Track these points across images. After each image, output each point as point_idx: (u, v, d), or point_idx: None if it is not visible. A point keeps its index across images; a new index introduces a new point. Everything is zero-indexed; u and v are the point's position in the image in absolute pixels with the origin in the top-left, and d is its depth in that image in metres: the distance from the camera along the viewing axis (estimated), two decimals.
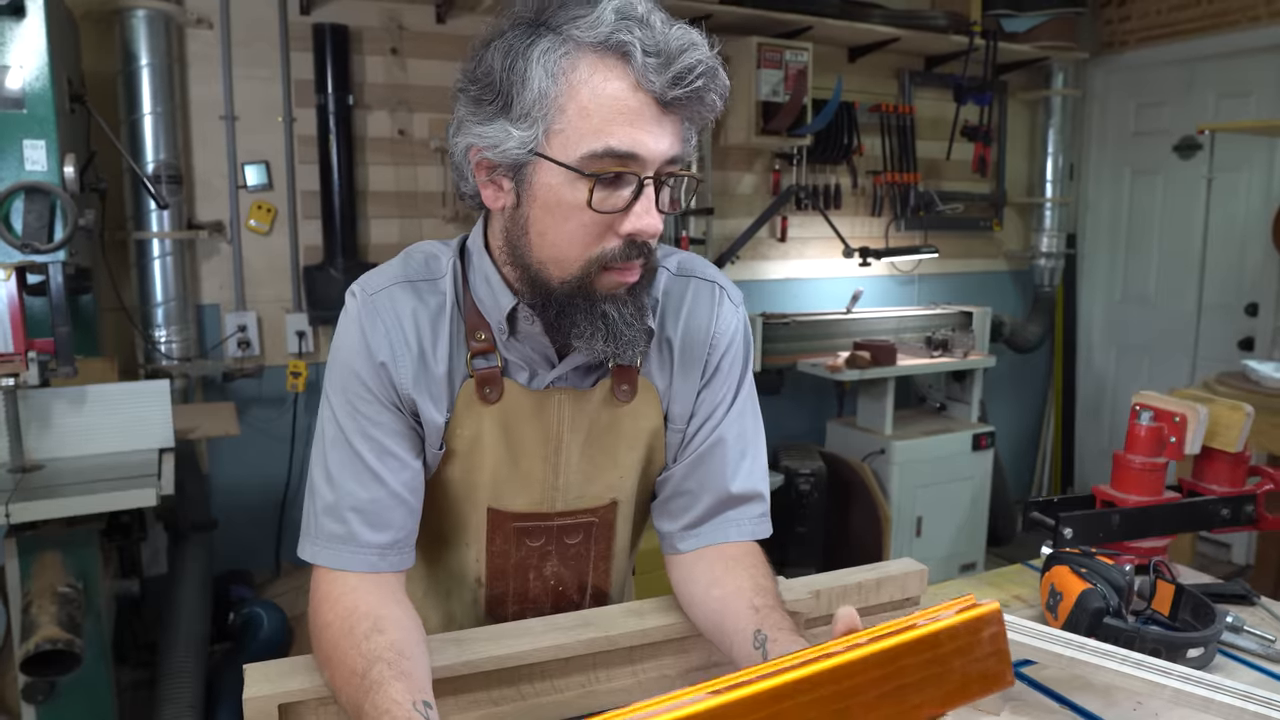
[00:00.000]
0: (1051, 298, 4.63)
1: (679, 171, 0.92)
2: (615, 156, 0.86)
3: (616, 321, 0.93)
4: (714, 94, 0.87)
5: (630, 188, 0.88)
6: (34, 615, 1.96)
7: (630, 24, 0.84)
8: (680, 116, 0.89)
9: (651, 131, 0.86)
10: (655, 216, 0.89)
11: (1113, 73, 4.49)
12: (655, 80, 0.84)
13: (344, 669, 0.87)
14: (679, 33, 0.85)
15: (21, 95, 1.90)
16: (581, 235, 0.90)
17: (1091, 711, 1.07)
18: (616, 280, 0.92)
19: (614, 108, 0.85)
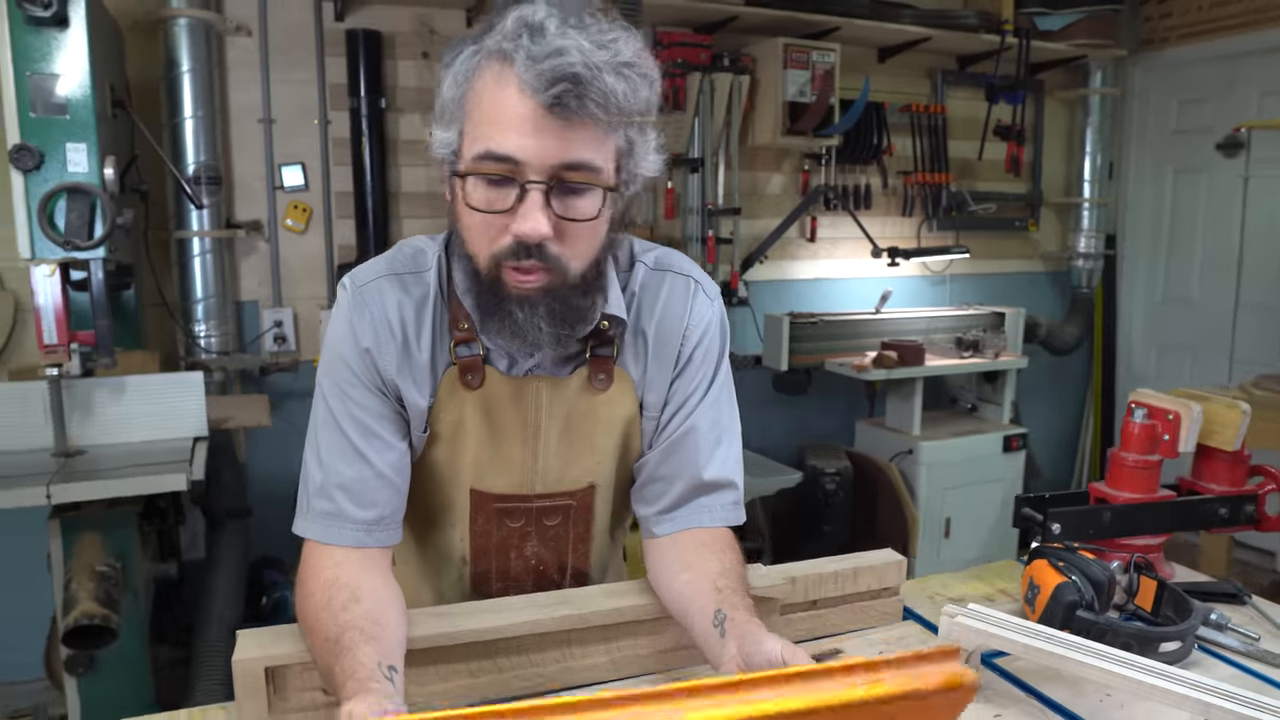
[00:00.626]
0: (1090, 299, 4.56)
1: (579, 178, 0.92)
2: (495, 159, 0.90)
3: (522, 324, 0.97)
4: (592, 101, 0.87)
5: (515, 190, 0.91)
6: (74, 591, 2.07)
7: (523, 30, 0.88)
8: (580, 123, 0.89)
9: (536, 136, 0.89)
10: (536, 221, 0.91)
11: (1153, 70, 4.41)
12: (535, 85, 0.87)
13: (320, 635, 0.93)
14: (571, 40, 0.87)
15: (65, 101, 2.01)
16: (479, 232, 0.95)
17: (1058, 702, 1.09)
18: (516, 280, 0.95)
19: (498, 113, 0.90)
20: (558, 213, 0.92)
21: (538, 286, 0.95)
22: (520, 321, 0.97)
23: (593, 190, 0.93)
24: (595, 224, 0.96)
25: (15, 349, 2.84)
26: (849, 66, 3.66)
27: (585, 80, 0.86)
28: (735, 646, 0.90)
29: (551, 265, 0.94)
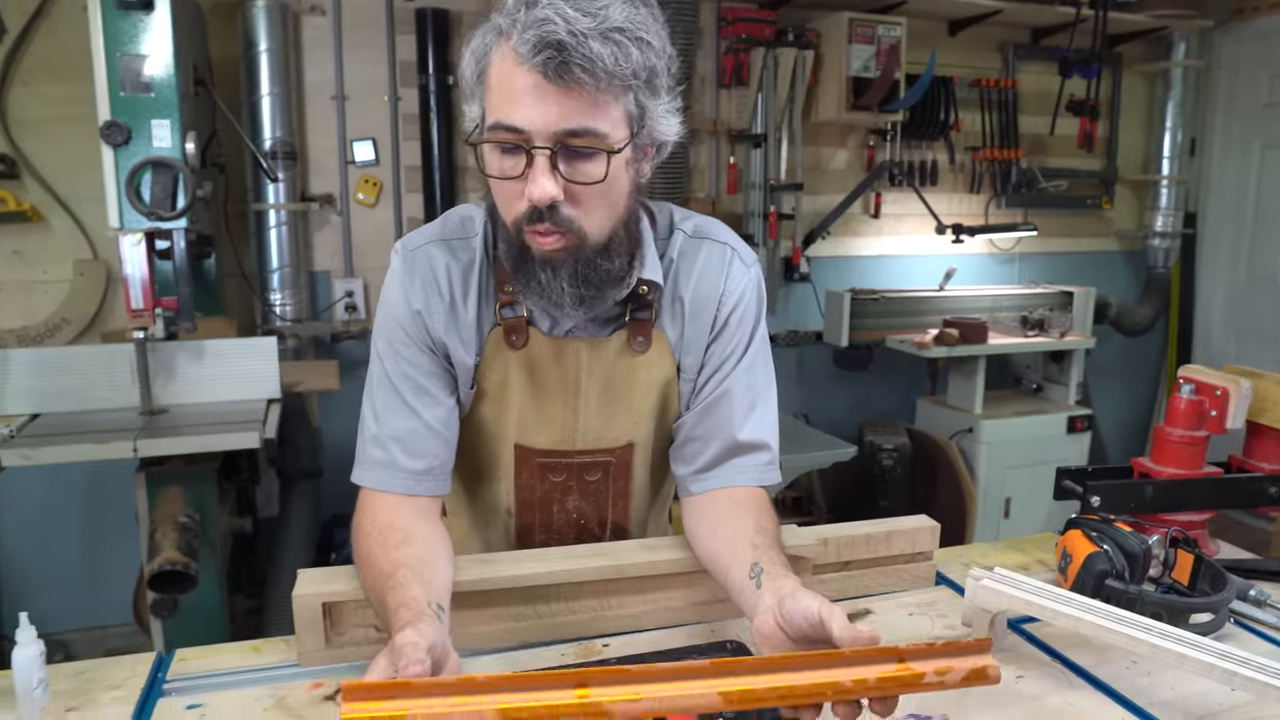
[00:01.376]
0: (1166, 279, 4.43)
1: (583, 143, 0.95)
2: (504, 129, 0.95)
3: (546, 284, 1.02)
4: (577, 68, 0.90)
5: (524, 157, 0.96)
6: (158, 540, 2.21)
7: (520, 6, 0.92)
8: (581, 88, 0.92)
9: (535, 105, 0.92)
10: (542, 185, 0.94)
11: (1242, 41, 4.23)
12: (525, 54, 0.91)
13: (374, 570, 1.00)
14: (547, 11, 0.90)
15: (150, 80, 2.13)
16: (501, 198, 1.01)
17: (1084, 668, 1.10)
18: (537, 242, 1.00)
19: (504, 84, 0.94)
20: (566, 176, 0.96)
21: (558, 248, 1.00)
22: (544, 282, 1.02)
23: (598, 154, 0.96)
24: (606, 186, 0.98)
25: (106, 314, 3.02)
26: (918, 40, 3.61)
27: (569, 47, 0.89)
28: (772, 599, 0.94)
29: (566, 228, 0.98)
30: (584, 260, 1.01)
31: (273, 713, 1.01)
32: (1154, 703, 1.02)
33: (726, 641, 1.14)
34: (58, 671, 1.06)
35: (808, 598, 0.90)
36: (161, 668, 1.10)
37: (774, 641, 0.92)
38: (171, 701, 1.03)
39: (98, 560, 3.12)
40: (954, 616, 1.22)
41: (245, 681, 1.08)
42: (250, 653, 1.14)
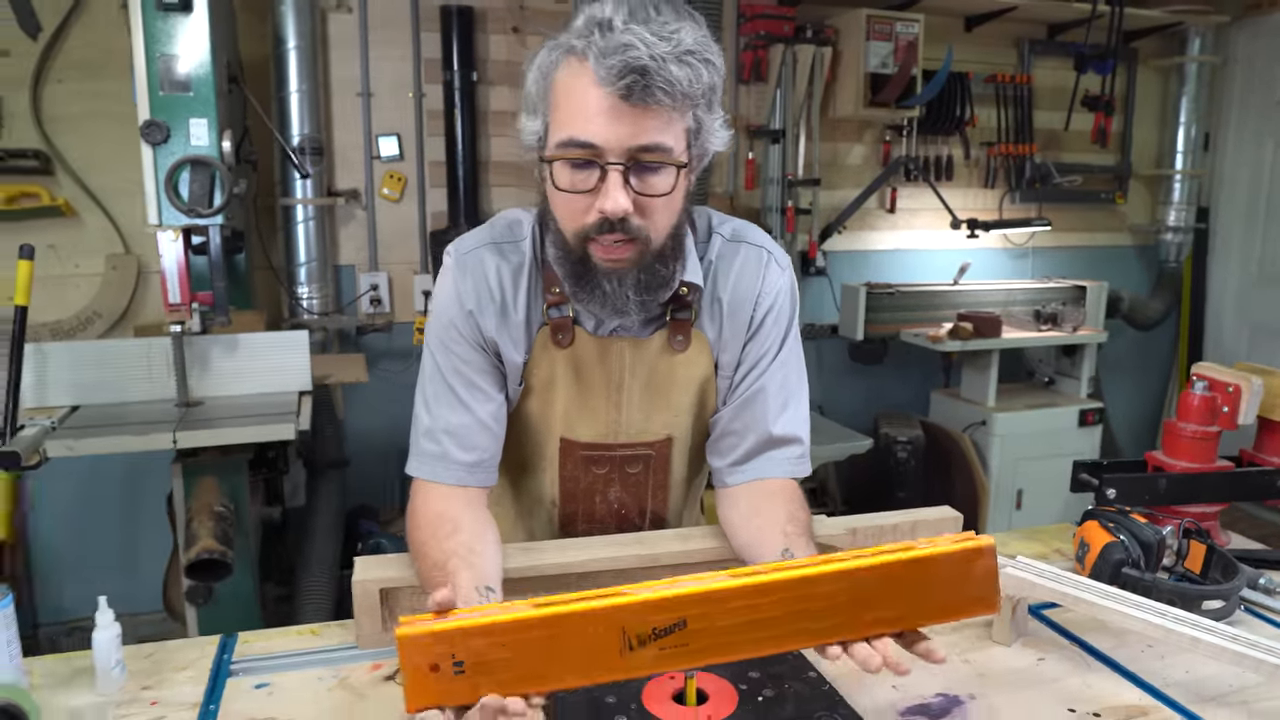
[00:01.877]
0: (1177, 274, 4.46)
1: (653, 158, 1.00)
2: (578, 145, 1.00)
3: (611, 294, 1.08)
4: (659, 89, 0.96)
5: (597, 172, 1.01)
6: (195, 529, 2.28)
7: (593, 28, 0.97)
8: (655, 107, 0.98)
9: (608, 123, 0.98)
10: (616, 198, 1.00)
11: (1258, 36, 4.25)
12: (606, 78, 0.96)
13: (427, 560, 1.07)
14: (629, 34, 0.95)
15: (188, 80, 2.18)
16: (567, 211, 1.06)
17: (1101, 650, 1.16)
18: (602, 255, 1.05)
19: (578, 103, 0.99)
20: (636, 190, 1.02)
21: (624, 258, 1.06)
22: (609, 292, 1.08)
23: (666, 168, 1.03)
24: (671, 198, 1.05)
25: (138, 308, 3.09)
26: (934, 36, 3.65)
27: (651, 71, 0.95)
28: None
29: (635, 236, 1.04)
30: (645, 267, 1.07)
31: (337, 692, 1.07)
32: (1169, 684, 1.07)
33: None
34: (127, 654, 1.13)
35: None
36: (226, 650, 1.17)
37: None
38: (240, 681, 1.10)
39: (129, 550, 3.20)
40: None
41: (307, 663, 1.14)
42: (309, 636, 1.21)
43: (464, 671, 0.79)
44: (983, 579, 0.89)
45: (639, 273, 1.07)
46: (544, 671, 0.80)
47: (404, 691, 0.78)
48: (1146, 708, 1.03)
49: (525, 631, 0.80)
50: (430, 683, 0.79)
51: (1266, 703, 1.04)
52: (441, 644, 0.79)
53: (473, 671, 0.79)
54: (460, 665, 0.79)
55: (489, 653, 0.79)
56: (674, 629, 0.82)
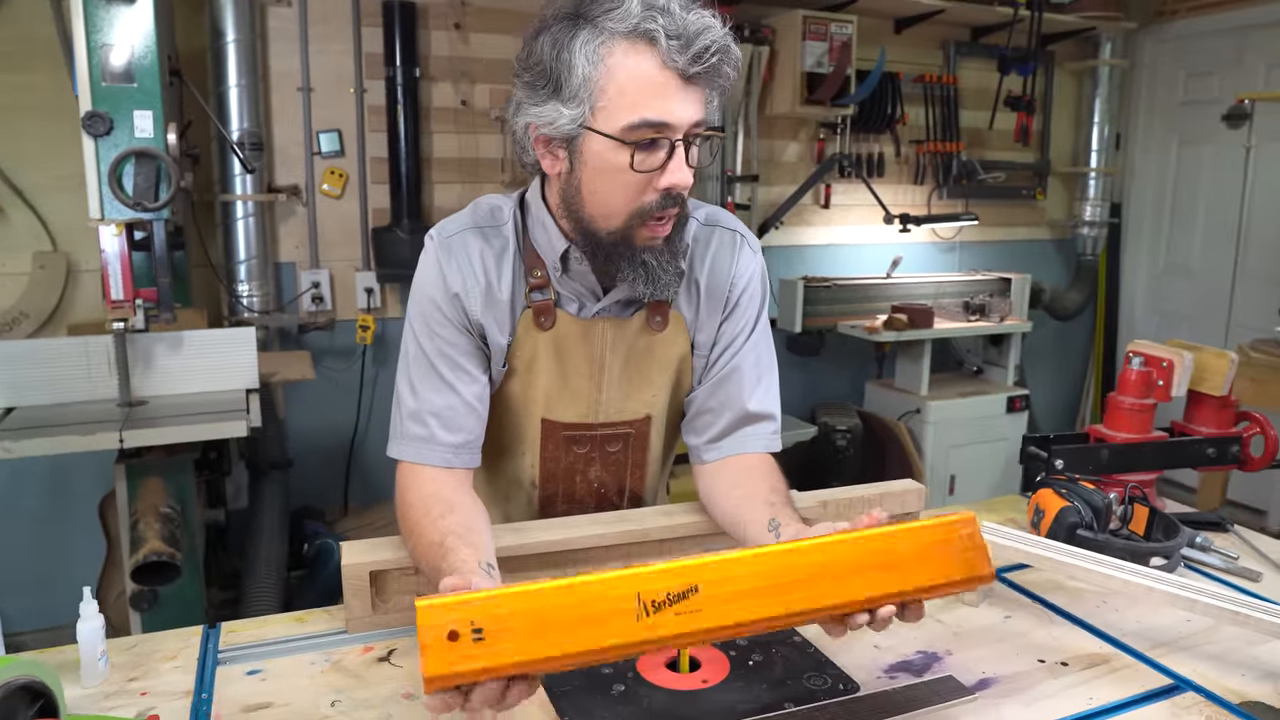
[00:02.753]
0: (1094, 266, 4.68)
1: (704, 132, 1.07)
2: (650, 125, 1.03)
3: (655, 268, 1.11)
4: (728, 66, 1.03)
5: (664, 150, 1.05)
6: (141, 531, 2.22)
7: (654, 13, 1.00)
8: (702, 86, 1.05)
9: (678, 102, 1.03)
10: (686, 172, 1.06)
11: (1163, 42, 4.50)
12: (678, 59, 1.00)
13: (423, 540, 1.08)
14: (695, 17, 1.01)
15: (131, 71, 2.13)
16: (625, 193, 1.07)
17: (1060, 607, 1.24)
18: (651, 234, 1.10)
19: (646, 85, 1.02)
20: (689, 163, 1.07)
21: (668, 231, 1.11)
22: (653, 267, 1.11)
23: (706, 141, 1.09)
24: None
25: (67, 307, 2.98)
26: (865, 38, 3.76)
27: (731, 50, 1.02)
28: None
29: (682, 207, 1.11)
30: (678, 234, 1.13)
31: (330, 674, 1.08)
32: (1125, 633, 1.16)
33: None
34: (108, 647, 1.11)
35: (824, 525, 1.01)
36: (210, 640, 1.16)
37: None
38: (229, 669, 1.09)
39: (56, 559, 3.08)
40: None
41: (297, 649, 1.14)
42: (295, 623, 1.21)
43: (483, 639, 0.81)
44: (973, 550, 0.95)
45: (675, 241, 1.13)
46: (562, 639, 0.82)
47: (421, 663, 0.80)
48: (1107, 655, 1.11)
49: (545, 598, 0.82)
50: (448, 651, 0.80)
51: (1210, 646, 1.13)
52: (462, 610, 0.80)
53: (492, 639, 0.81)
54: (480, 633, 0.81)
55: (509, 620, 0.81)
56: (687, 594, 0.85)
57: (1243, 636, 1.13)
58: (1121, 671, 1.07)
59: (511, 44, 3.28)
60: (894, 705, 1.00)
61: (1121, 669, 1.08)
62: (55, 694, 0.73)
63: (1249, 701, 1.00)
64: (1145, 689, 1.03)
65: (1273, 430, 1.60)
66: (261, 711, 0.99)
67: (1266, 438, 1.60)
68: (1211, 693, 1.02)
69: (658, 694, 1.02)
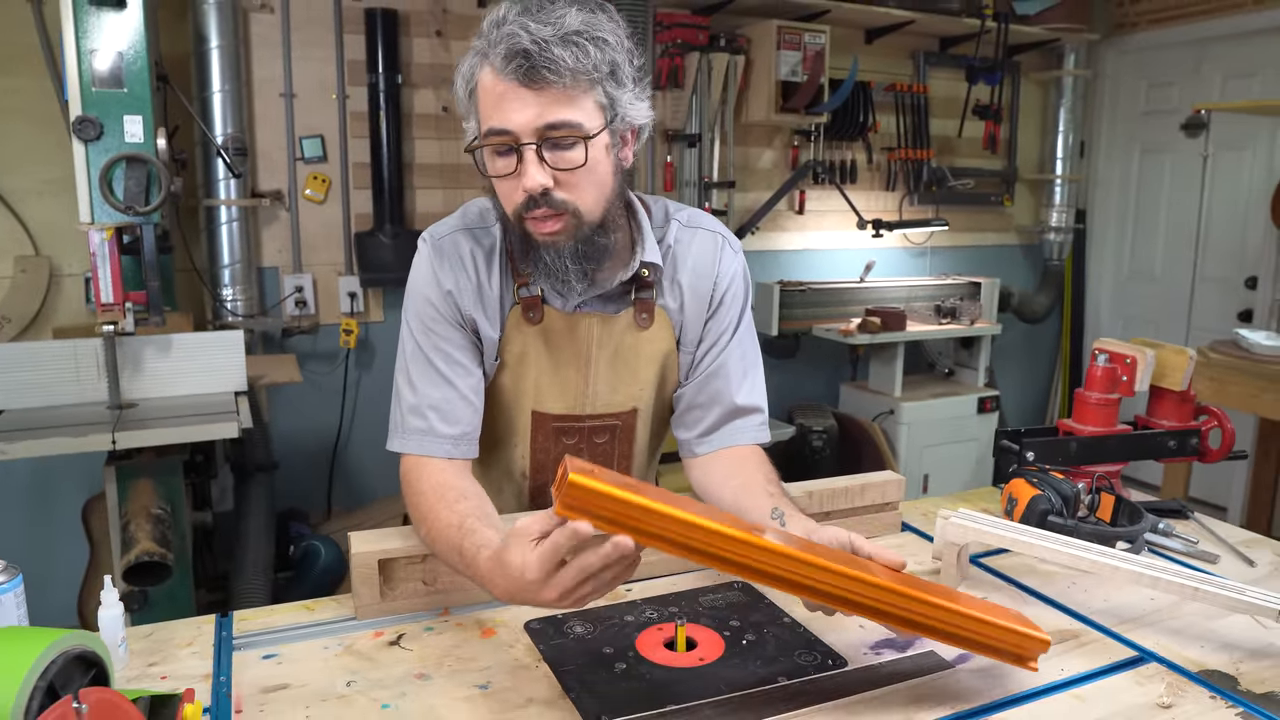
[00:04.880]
0: (1060, 271, 4.81)
1: (561, 134, 1.09)
2: (495, 133, 1.10)
3: (551, 264, 1.17)
4: (544, 70, 1.05)
5: (514, 155, 1.10)
6: (132, 532, 2.24)
7: (493, 28, 1.08)
8: (548, 88, 1.07)
9: (516, 108, 1.07)
10: (532, 175, 1.09)
11: (1124, 54, 4.64)
12: (502, 66, 1.07)
13: (440, 522, 1.13)
14: (512, 27, 1.06)
15: (121, 76, 2.16)
16: (502, 195, 1.16)
17: (1033, 588, 1.31)
18: (536, 229, 1.15)
19: (487, 96, 1.10)
20: (553, 166, 1.11)
21: (557, 231, 1.14)
22: (550, 262, 1.16)
23: (578, 142, 1.10)
24: (589, 169, 1.12)
25: (50, 312, 2.99)
26: (838, 47, 3.86)
27: (534, 54, 1.05)
28: (800, 533, 1.10)
29: (561, 209, 1.13)
30: (583, 238, 1.16)
31: (344, 658, 1.12)
32: (1094, 611, 1.23)
33: (734, 582, 1.30)
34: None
35: (834, 529, 1.07)
36: (224, 627, 1.20)
37: None
38: (245, 654, 1.13)
39: (39, 563, 3.07)
40: (923, 556, 1.42)
41: (309, 635, 1.18)
42: (304, 611, 1.25)
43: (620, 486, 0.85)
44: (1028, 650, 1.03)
45: (576, 244, 1.16)
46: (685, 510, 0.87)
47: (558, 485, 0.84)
48: (1077, 631, 1.18)
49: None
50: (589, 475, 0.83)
51: (1172, 621, 1.20)
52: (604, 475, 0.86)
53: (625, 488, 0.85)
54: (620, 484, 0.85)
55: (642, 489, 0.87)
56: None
57: (1202, 612, 1.21)
58: (1090, 645, 1.14)
59: None
60: (879, 678, 1.06)
61: (1090, 643, 1.15)
62: (107, 665, 0.78)
63: (1207, 670, 1.08)
64: (1112, 660, 1.10)
65: (1229, 424, 1.69)
66: (280, 692, 1.04)
67: (1224, 430, 1.69)
68: (1173, 663, 1.10)
69: (657, 670, 1.07)
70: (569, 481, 0.82)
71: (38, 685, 0.71)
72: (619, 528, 0.85)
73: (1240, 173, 4.20)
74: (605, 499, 0.84)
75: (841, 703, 1.00)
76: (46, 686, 0.71)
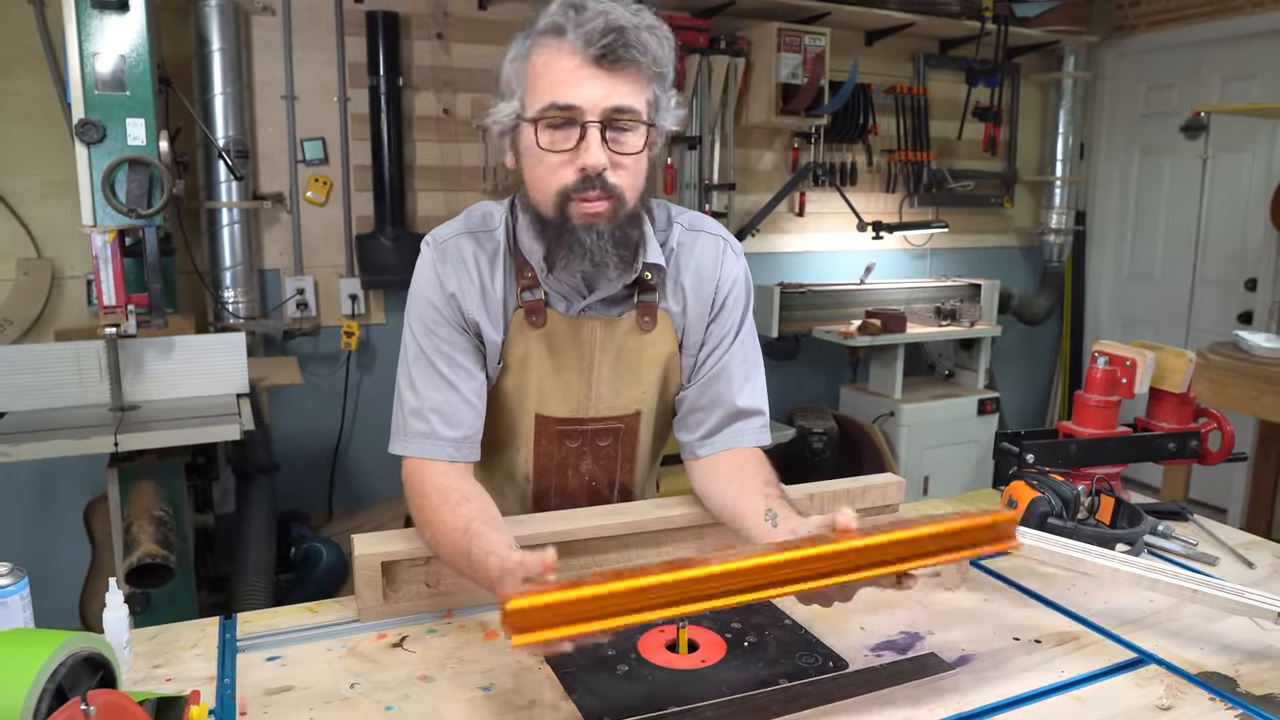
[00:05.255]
0: (1060, 272, 4.82)
1: (626, 119, 1.12)
2: (558, 108, 1.11)
3: (590, 246, 1.16)
4: (632, 49, 1.09)
5: (576, 131, 1.12)
6: (135, 534, 2.25)
7: (567, 9, 1.10)
8: (617, 72, 1.10)
9: (586, 86, 1.10)
10: (595, 153, 1.11)
11: (1123, 56, 4.65)
12: (579, 44, 1.09)
13: (445, 526, 1.13)
14: (602, 8, 1.09)
15: (124, 79, 2.16)
16: (548, 173, 1.15)
17: (1033, 590, 1.32)
18: (582, 210, 1.15)
19: (554, 72, 1.11)
20: (611, 148, 1.13)
21: (601, 213, 1.15)
22: (590, 245, 1.16)
23: (638, 128, 1.14)
24: (640, 158, 1.16)
25: (52, 314, 2.99)
26: (838, 49, 3.87)
27: (628, 30, 1.09)
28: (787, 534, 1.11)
29: (611, 192, 1.15)
30: (619, 224, 1.17)
31: (348, 660, 1.13)
32: (1093, 613, 1.24)
33: None
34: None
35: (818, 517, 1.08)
36: (227, 630, 1.21)
37: None
38: (249, 656, 1.14)
39: (40, 565, 3.07)
40: None
41: (312, 637, 1.19)
42: (307, 613, 1.25)
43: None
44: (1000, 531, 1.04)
45: (613, 227, 1.17)
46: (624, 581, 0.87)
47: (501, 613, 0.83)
48: (1077, 633, 1.19)
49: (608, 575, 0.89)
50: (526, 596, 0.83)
51: (1172, 623, 1.21)
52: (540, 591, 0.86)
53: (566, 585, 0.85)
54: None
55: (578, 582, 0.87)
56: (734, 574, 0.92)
57: (1201, 614, 1.21)
58: (1090, 647, 1.15)
59: (493, 54, 3.32)
60: (880, 680, 1.07)
61: (1090, 645, 1.16)
62: (114, 667, 0.78)
63: (1206, 672, 1.09)
64: (1112, 662, 1.11)
65: (1229, 426, 1.70)
66: (284, 694, 1.04)
67: (1223, 433, 1.70)
68: (1173, 665, 1.10)
69: (659, 672, 1.08)
70: (508, 611, 0.82)
71: (46, 687, 0.71)
72: (578, 622, 0.85)
73: (1240, 175, 4.20)
74: (548, 610, 0.83)
75: (843, 704, 1.01)
76: (55, 689, 0.72)
